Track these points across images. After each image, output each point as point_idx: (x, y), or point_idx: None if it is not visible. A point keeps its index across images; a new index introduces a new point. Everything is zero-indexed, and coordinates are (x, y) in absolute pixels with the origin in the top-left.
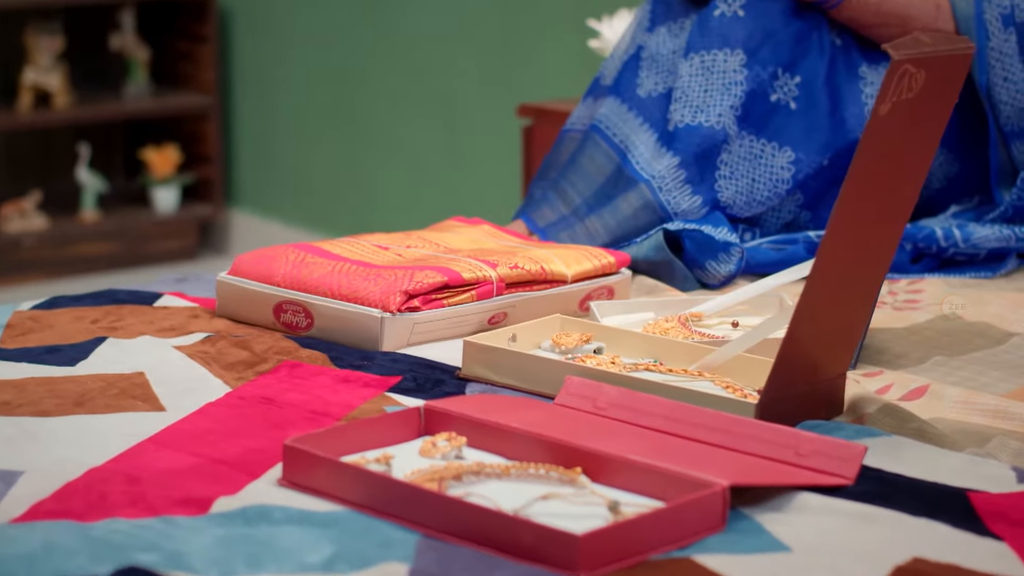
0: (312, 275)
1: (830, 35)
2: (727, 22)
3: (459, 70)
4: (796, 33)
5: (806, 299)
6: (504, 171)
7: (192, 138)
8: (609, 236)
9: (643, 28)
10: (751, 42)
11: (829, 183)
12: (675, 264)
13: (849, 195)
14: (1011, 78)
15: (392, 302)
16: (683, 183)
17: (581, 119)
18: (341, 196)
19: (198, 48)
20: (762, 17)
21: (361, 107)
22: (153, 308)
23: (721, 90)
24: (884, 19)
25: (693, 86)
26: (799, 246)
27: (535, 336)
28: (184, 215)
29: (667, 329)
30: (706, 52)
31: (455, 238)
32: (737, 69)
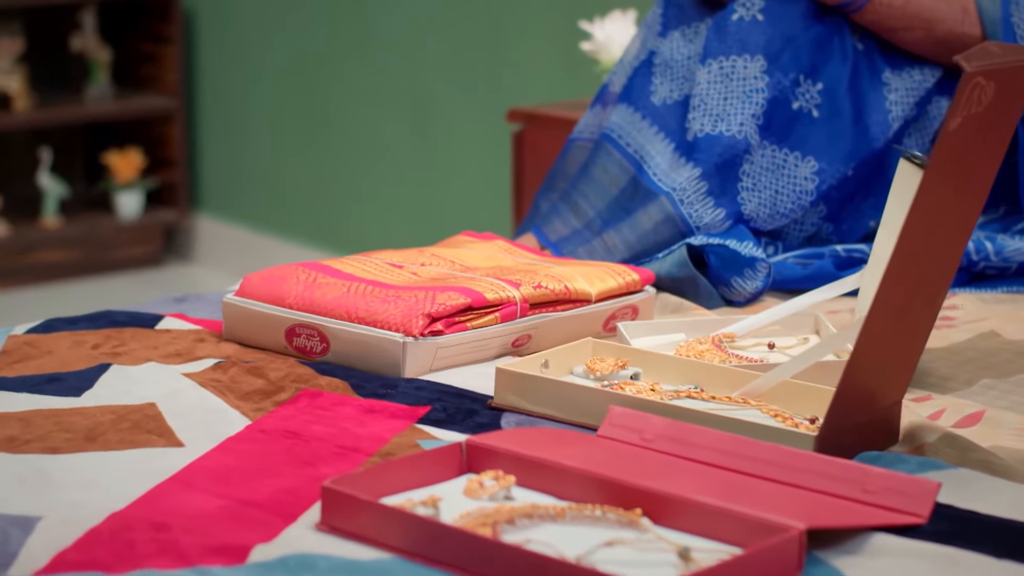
0: (326, 297)
1: (852, 39)
2: (746, 27)
3: (436, 71)
4: (817, 38)
5: (870, 324)
6: (486, 176)
7: (156, 141)
8: (629, 251)
9: (654, 33)
10: (771, 48)
11: (852, 193)
12: (700, 281)
13: (916, 215)
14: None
15: (414, 326)
16: (705, 195)
17: (589, 127)
18: (311, 201)
19: (162, 49)
20: (782, 21)
21: (332, 108)
22: (155, 331)
23: (742, 98)
24: (909, 22)
25: (712, 94)
26: (826, 261)
27: (567, 361)
28: (148, 221)
29: (702, 352)
30: (724, 58)
31: (469, 255)
32: (758, 76)
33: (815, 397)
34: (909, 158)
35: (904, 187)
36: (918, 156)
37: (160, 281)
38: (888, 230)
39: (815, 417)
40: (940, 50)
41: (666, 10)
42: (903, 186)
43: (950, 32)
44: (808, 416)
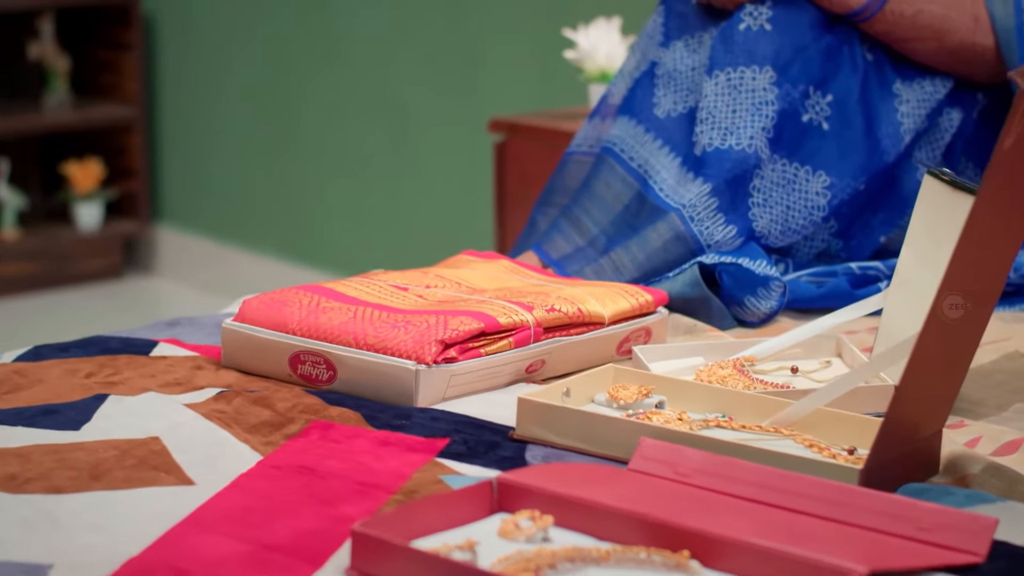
0: (332, 322)
1: (861, 50)
2: (753, 37)
3: (411, 79)
4: (827, 48)
5: (919, 354)
6: (464, 187)
7: (116, 151)
8: (638, 271)
9: (656, 43)
10: (780, 58)
11: (861, 209)
12: (712, 301)
13: (969, 238)
14: None
15: (427, 352)
16: (715, 212)
17: (588, 140)
18: (279, 212)
19: (121, 56)
20: (790, 31)
21: (301, 116)
22: (150, 359)
23: (751, 110)
24: (920, 32)
25: (720, 106)
26: (840, 279)
27: (588, 389)
28: (108, 232)
29: (724, 377)
30: (732, 69)
31: (474, 275)
32: (767, 87)
33: (848, 425)
34: (936, 174)
35: (929, 203)
36: (946, 172)
37: (121, 294)
38: (912, 248)
39: (853, 447)
40: (951, 60)
41: (667, 19)
42: (928, 202)
43: (962, 42)
44: (845, 446)
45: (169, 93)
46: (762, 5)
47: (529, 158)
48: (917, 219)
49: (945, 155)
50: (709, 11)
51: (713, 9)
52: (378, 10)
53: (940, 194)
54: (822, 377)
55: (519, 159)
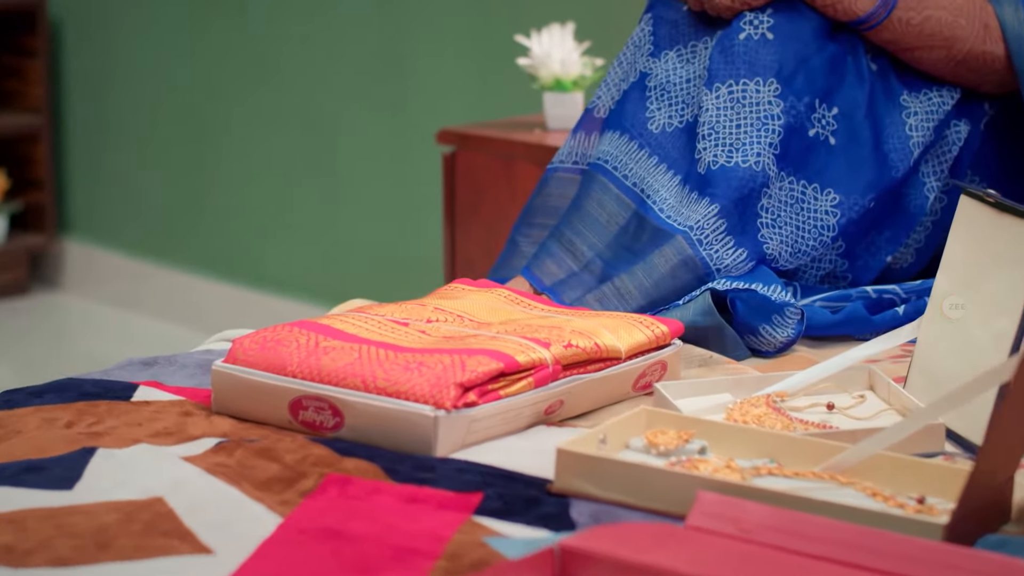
0: (336, 363)
1: (866, 59)
2: (754, 47)
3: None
4: (831, 58)
5: (1011, 403)
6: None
7: (20, 161)
8: (644, 298)
9: (644, 53)
10: (784, 70)
11: (867, 227)
12: (726, 330)
13: None
14: None
15: (446, 397)
16: (724, 234)
17: (572, 155)
18: (190, 225)
19: (26, 63)
20: (793, 40)
21: (217, 127)
22: (133, 404)
23: (756, 125)
24: (928, 41)
25: (722, 121)
26: (856, 304)
27: (621, 434)
28: (12, 246)
29: (760, 416)
30: (734, 82)
31: (474, 307)
32: (772, 101)
33: (907, 470)
34: (977, 195)
35: (969, 227)
36: (990, 193)
37: (27, 310)
38: (950, 275)
39: (922, 496)
40: (959, 70)
41: (656, 28)
42: (968, 226)
43: (971, 51)
44: (913, 495)
45: (76, 101)
46: (762, 13)
47: (481, 170)
48: (955, 243)
49: (952, 169)
50: (703, 19)
51: (707, 17)
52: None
53: (982, 217)
54: (859, 414)
55: (470, 171)
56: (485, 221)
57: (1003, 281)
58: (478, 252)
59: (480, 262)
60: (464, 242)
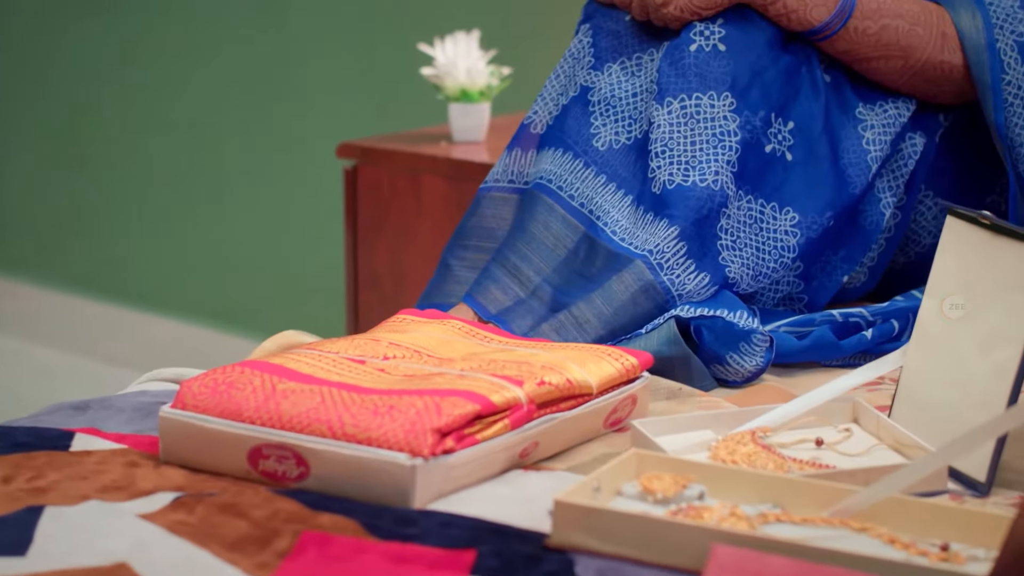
0: (297, 408)
1: (820, 71)
2: (706, 59)
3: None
4: (785, 70)
5: None
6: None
7: None
8: (604, 328)
9: (585, 65)
10: (738, 83)
11: (824, 246)
12: (692, 360)
13: None
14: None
15: (423, 443)
16: (685, 258)
17: (508, 174)
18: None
19: None
20: (747, 52)
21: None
22: (73, 455)
23: (712, 142)
24: (885, 50)
25: (676, 138)
26: (823, 329)
27: (613, 479)
28: None
29: (750, 455)
30: (687, 96)
31: (428, 341)
32: (727, 116)
33: (921, 514)
34: (967, 217)
35: (959, 250)
36: (984, 215)
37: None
38: (936, 298)
39: (946, 543)
40: (916, 80)
41: (597, 39)
42: (957, 249)
43: (928, 60)
44: (936, 541)
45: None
46: (713, 23)
47: (385, 185)
48: (943, 267)
49: (908, 184)
50: (648, 30)
51: (653, 28)
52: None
53: (976, 240)
54: (850, 449)
55: (374, 186)
56: (390, 238)
57: (1004, 308)
58: (383, 270)
59: (385, 280)
60: (367, 260)
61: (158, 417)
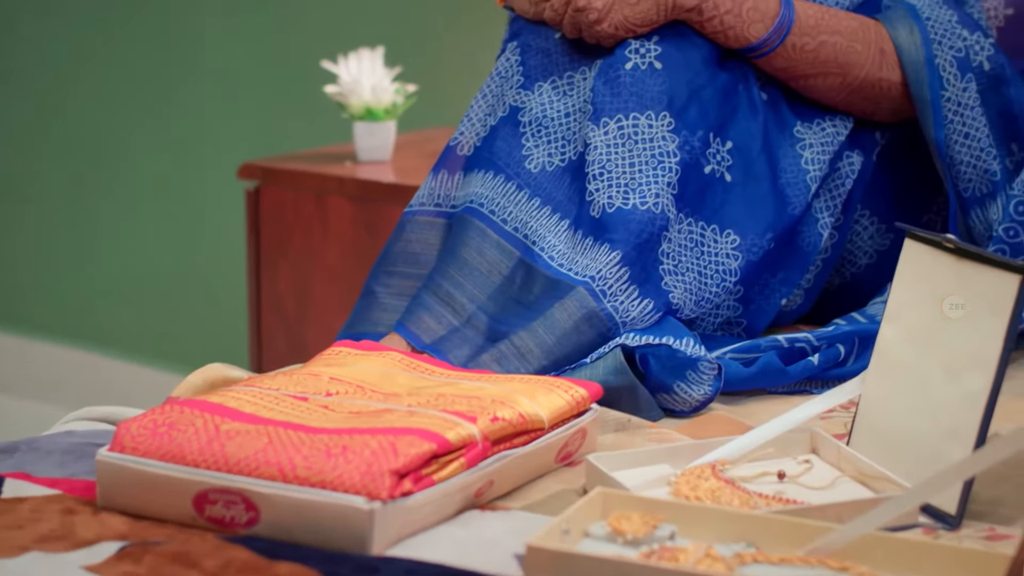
0: (244, 450)
1: (757, 89)
2: (642, 77)
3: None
4: (723, 88)
5: None
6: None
7: None
8: (547, 357)
9: (514, 85)
10: (676, 102)
11: (762, 269)
12: (639, 390)
13: None
14: (973, 134)
15: (381, 486)
16: (628, 283)
17: (434, 197)
18: None
19: None
20: (684, 70)
21: None
22: (5, 503)
23: (651, 163)
24: (823, 67)
25: (614, 159)
26: (769, 355)
27: (580, 520)
28: None
29: (713, 491)
30: (623, 116)
31: (369, 375)
32: (666, 136)
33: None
34: (928, 240)
35: (920, 274)
36: (948, 238)
37: None
38: (897, 326)
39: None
40: (854, 98)
41: (525, 58)
42: (918, 273)
43: (867, 77)
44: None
45: None
46: (648, 41)
47: (289, 207)
48: (903, 292)
49: (845, 204)
50: (580, 47)
51: (584, 45)
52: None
53: (939, 264)
54: (813, 482)
55: (277, 208)
56: (294, 261)
57: (972, 334)
58: (288, 294)
59: (289, 304)
60: (271, 284)
61: (92, 460)
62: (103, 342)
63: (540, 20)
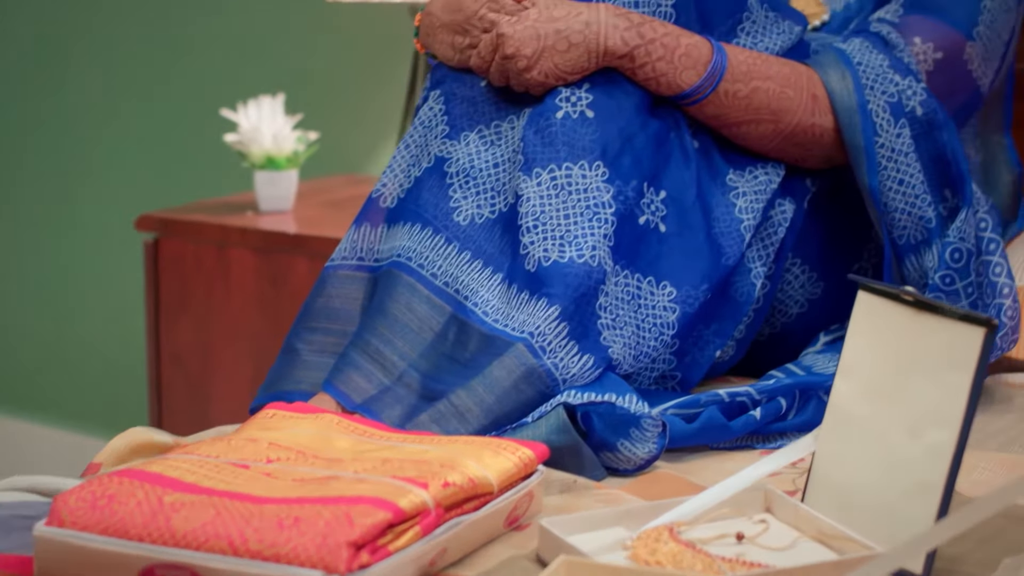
0: (190, 523)
1: (689, 136)
2: (573, 126)
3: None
4: (655, 137)
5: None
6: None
7: None
8: (487, 417)
9: (438, 135)
10: (609, 151)
11: (696, 321)
12: (583, 449)
13: None
14: (907, 181)
15: (339, 559)
16: (567, 339)
17: (356, 252)
18: None
19: None
20: (616, 117)
21: None
22: None
23: (587, 214)
24: (755, 114)
25: (549, 211)
26: (711, 410)
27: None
28: None
29: (675, 555)
30: (556, 166)
31: (309, 439)
32: (600, 187)
33: None
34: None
35: (876, 327)
36: (907, 291)
37: None
38: (852, 380)
39: None
40: (785, 145)
41: (450, 106)
42: (874, 326)
43: (799, 123)
44: None
45: None
46: (579, 88)
47: (190, 258)
48: (858, 346)
49: (778, 252)
50: (506, 95)
51: (511, 93)
52: None
53: (897, 317)
54: (773, 543)
55: (177, 260)
56: (196, 314)
57: (935, 389)
58: (188, 348)
59: (191, 359)
60: (171, 338)
61: (23, 533)
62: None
63: (465, 67)
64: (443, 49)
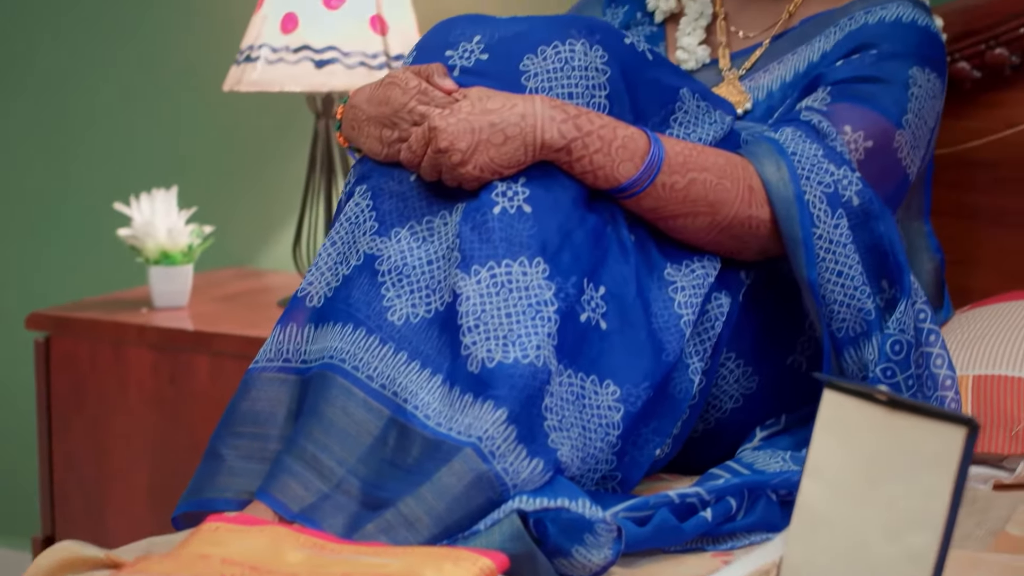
0: None
1: (626, 230)
2: (511, 222)
3: None
4: (593, 231)
5: None
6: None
7: None
8: (438, 526)
9: (367, 231)
10: (549, 247)
11: (637, 420)
12: (538, 556)
13: None
14: (846, 272)
15: None
16: (516, 443)
17: (282, 353)
18: None
19: None
20: (554, 212)
21: None
22: None
23: (529, 313)
24: (692, 207)
25: (490, 310)
26: (663, 512)
27: None
28: None
29: None
30: (496, 263)
31: (260, 554)
32: (542, 284)
33: None
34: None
35: (838, 426)
36: (880, 391)
37: None
38: (820, 481)
39: None
40: (722, 237)
41: (377, 201)
42: (843, 426)
43: (736, 216)
44: None
45: None
46: (515, 183)
47: (83, 358)
48: (825, 445)
49: (715, 347)
50: (439, 190)
51: (444, 188)
52: None
53: (869, 417)
54: None
55: (70, 359)
56: (90, 417)
57: (913, 490)
58: (83, 453)
59: (86, 462)
60: (64, 440)
61: None
62: None
63: (393, 162)
64: (370, 143)
